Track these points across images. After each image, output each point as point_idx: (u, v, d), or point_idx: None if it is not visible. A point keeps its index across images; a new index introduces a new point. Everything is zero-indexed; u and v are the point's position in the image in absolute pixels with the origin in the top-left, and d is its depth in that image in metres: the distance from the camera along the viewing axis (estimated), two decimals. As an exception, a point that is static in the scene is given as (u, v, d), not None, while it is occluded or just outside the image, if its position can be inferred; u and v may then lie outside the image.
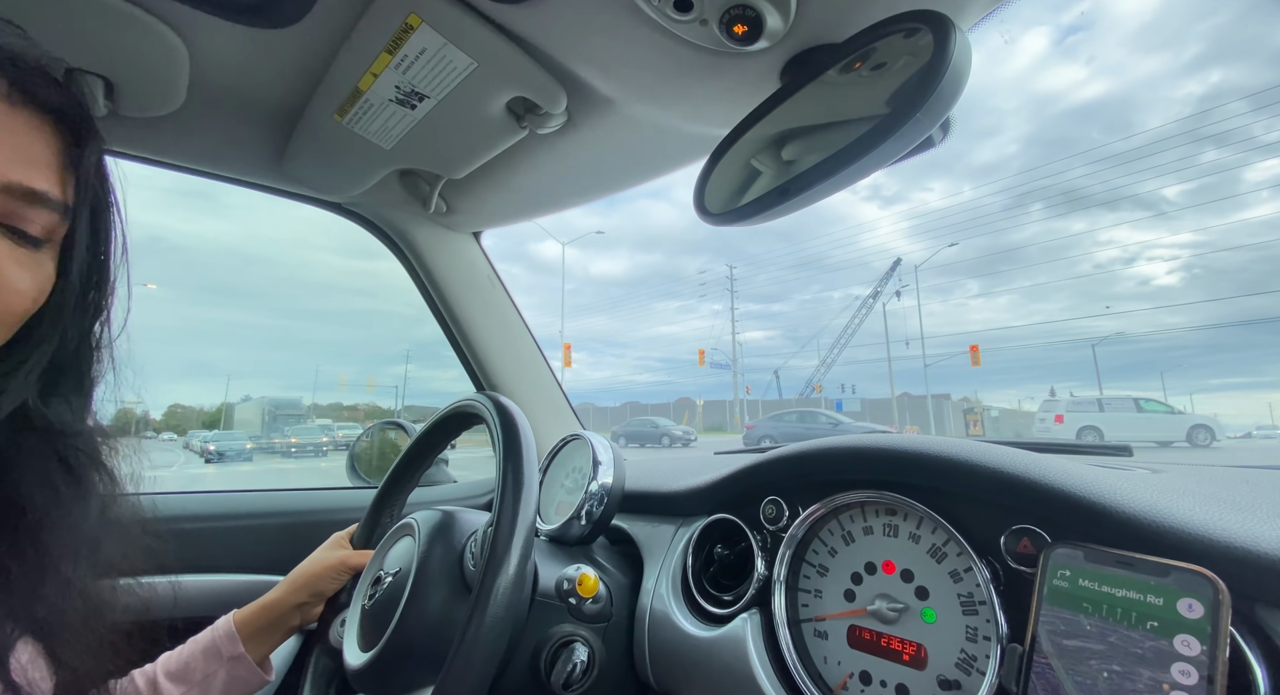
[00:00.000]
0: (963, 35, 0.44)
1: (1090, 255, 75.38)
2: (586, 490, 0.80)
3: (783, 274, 74.84)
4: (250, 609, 0.71)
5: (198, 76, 0.70)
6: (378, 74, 0.66)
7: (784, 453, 0.70)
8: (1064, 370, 68.76)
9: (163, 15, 0.61)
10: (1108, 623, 0.39)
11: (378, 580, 0.69)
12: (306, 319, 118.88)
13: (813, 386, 38.92)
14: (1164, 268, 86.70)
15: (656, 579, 0.76)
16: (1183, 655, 0.36)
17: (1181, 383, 68.89)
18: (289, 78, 0.72)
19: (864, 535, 0.61)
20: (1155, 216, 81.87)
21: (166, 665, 0.66)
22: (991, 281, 75.94)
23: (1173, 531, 0.40)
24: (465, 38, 0.60)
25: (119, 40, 0.63)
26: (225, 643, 0.67)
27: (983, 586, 0.49)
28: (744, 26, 0.53)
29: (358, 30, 0.62)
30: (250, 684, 0.67)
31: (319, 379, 62.30)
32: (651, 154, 0.82)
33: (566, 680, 0.64)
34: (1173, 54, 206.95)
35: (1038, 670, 0.41)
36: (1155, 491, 0.46)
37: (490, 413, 0.64)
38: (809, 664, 0.61)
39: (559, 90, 0.68)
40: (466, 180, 0.91)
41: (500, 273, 1.24)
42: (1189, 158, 58.27)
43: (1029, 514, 0.48)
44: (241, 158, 0.87)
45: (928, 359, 28.68)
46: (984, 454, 0.52)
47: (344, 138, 0.79)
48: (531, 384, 1.25)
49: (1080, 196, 68.90)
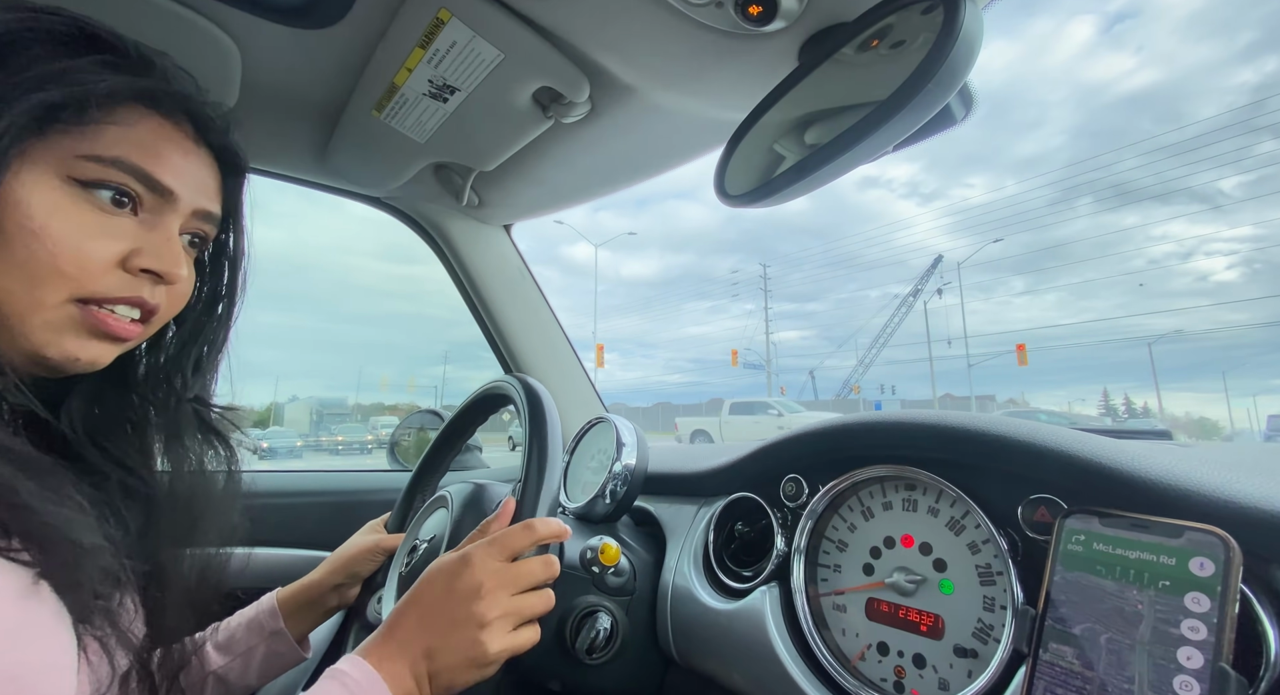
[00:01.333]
0: (973, 5, 0.44)
1: (1144, 250, 71.46)
2: (611, 470, 0.83)
3: (817, 273, 73.51)
4: (292, 588, 0.75)
5: (248, 77, 0.75)
6: (411, 69, 0.70)
7: (803, 430, 0.70)
8: (1118, 370, 65.37)
9: (216, 18, 0.66)
10: (1120, 583, 0.39)
11: (413, 549, 0.73)
12: (348, 322, 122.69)
13: (849, 387, 38.15)
14: (1223, 262, 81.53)
15: (679, 556, 0.78)
16: (1193, 612, 0.36)
17: (1244, 383, 64.47)
18: (330, 76, 0.77)
19: (883, 511, 0.61)
20: (1212, 209, 77.11)
21: (214, 636, 0.70)
22: (1037, 279, 72.83)
23: (1187, 494, 0.40)
24: (493, 29, 0.63)
25: (177, 43, 0.68)
26: (267, 618, 0.71)
27: (1001, 556, 0.49)
28: (759, 7, 0.54)
29: (393, 27, 0.66)
30: (288, 659, 0.71)
31: (362, 379, 64.67)
32: (674, 141, 0.84)
33: (590, 646, 0.67)
34: (1225, 41, 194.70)
35: (1049, 631, 0.41)
36: (1174, 459, 0.45)
37: (518, 391, 0.67)
38: (827, 635, 0.61)
39: (582, 78, 0.70)
40: (497, 173, 0.95)
41: (534, 274, 1.28)
42: (1245, 148, 54.92)
43: (1046, 483, 0.48)
44: (288, 154, 0.93)
45: (971, 359, 27.66)
46: (1002, 425, 0.53)
47: (381, 133, 0.84)
48: (559, 370, 1.28)
49: (1131, 189, 65.49)
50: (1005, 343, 47.10)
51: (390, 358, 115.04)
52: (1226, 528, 0.37)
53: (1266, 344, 64.89)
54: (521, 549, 0.52)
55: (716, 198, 0.72)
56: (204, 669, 0.66)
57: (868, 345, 36.84)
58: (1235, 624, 0.34)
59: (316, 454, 19.91)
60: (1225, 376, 54.86)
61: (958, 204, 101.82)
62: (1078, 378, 75.47)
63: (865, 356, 36.60)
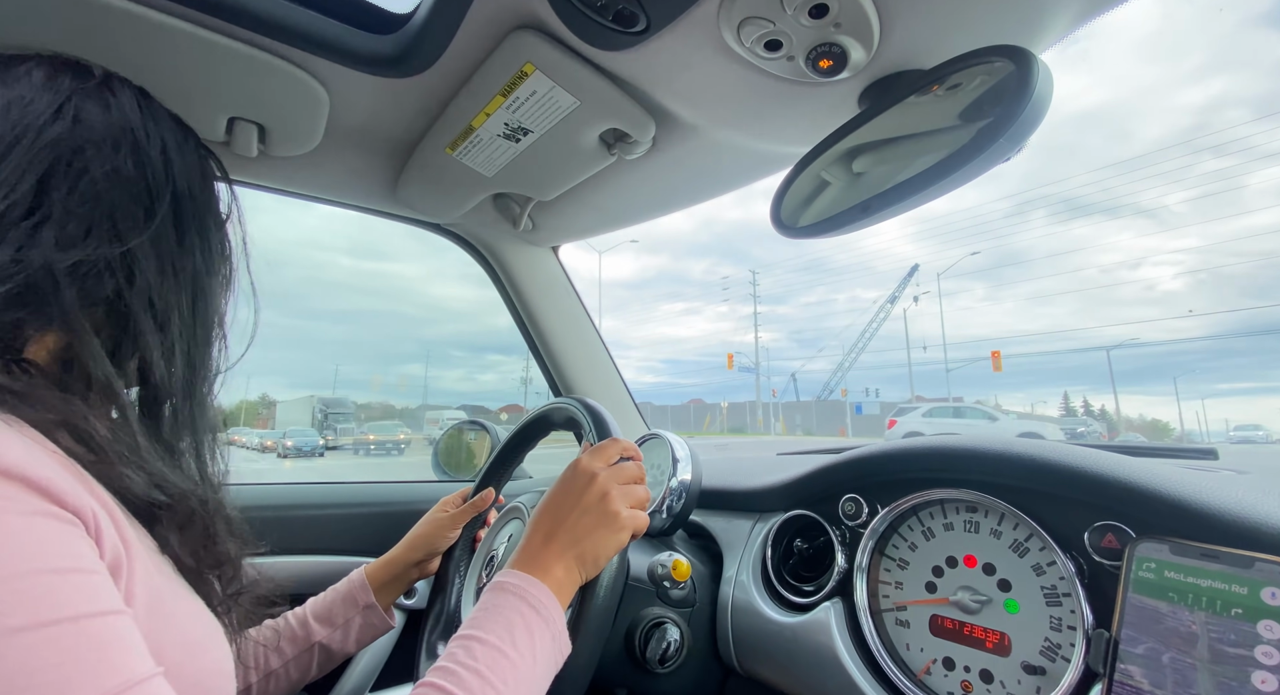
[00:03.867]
0: (1044, 66, 0.47)
1: (1095, 260, 72.66)
2: (667, 486, 0.86)
3: (787, 277, 74.13)
4: (376, 564, 0.82)
5: (334, 120, 0.81)
6: (490, 114, 0.75)
7: (865, 452, 0.74)
8: (1075, 374, 65.75)
9: (311, 69, 0.71)
10: (1193, 611, 0.42)
11: (491, 559, 0.77)
12: (318, 318, 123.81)
13: (828, 390, 38.47)
14: (1170, 272, 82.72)
15: (737, 569, 0.81)
16: (1266, 639, 0.38)
17: (1193, 387, 67.09)
18: (410, 118, 0.82)
19: (944, 531, 0.64)
20: (1157, 223, 78.02)
21: (314, 609, 0.78)
22: (997, 286, 73.63)
23: (1256, 526, 0.43)
24: (572, 81, 0.67)
25: (273, 91, 0.73)
26: (360, 592, 0.78)
27: (1068, 579, 0.52)
28: (829, 61, 0.58)
29: (476, 76, 0.71)
30: (379, 629, 0.79)
31: (338, 378, 65.67)
32: (729, 172, 0.87)
33: (662, 656, 0.71)
34: (1173, 65, 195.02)
35: (1124, 655, 0.44)
36: (1240, 490, 0.48)
37: (582, 414, 0.71)
38: (892, 650, 0.64)
39: (649, 121, 0.74)
40: (554, 201, 0.99)
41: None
42: (1190, 165, 54.55)
43: (1113, 511, 0.51)
44: (363, 188, 0.98)
45: (949, 364, 28.46)
46: (1069, 455, 0.55)
47: (451, 168, 0.89)
48: (603, 387, 1.33)
49: (1083, 204, 65.89)
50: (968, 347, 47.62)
51: (357, 354, 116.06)
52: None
53: (1212, 352, 65.15)
54: (615, 454, 0.62)
55: (773, 227, 0.75)
56: (310, 639, 0.75)
57: (848, 349, 37.17)
58: (1308, 650, 0.37)
59: (340, 454, 20.05)
60: (1176, 381, 55.24)
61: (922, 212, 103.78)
62: (1038, 381, 76.29)
63: (845, 360, 36.92)
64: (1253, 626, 0.39)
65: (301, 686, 0.75)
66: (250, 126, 0.80)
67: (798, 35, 0.56)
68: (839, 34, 0.55)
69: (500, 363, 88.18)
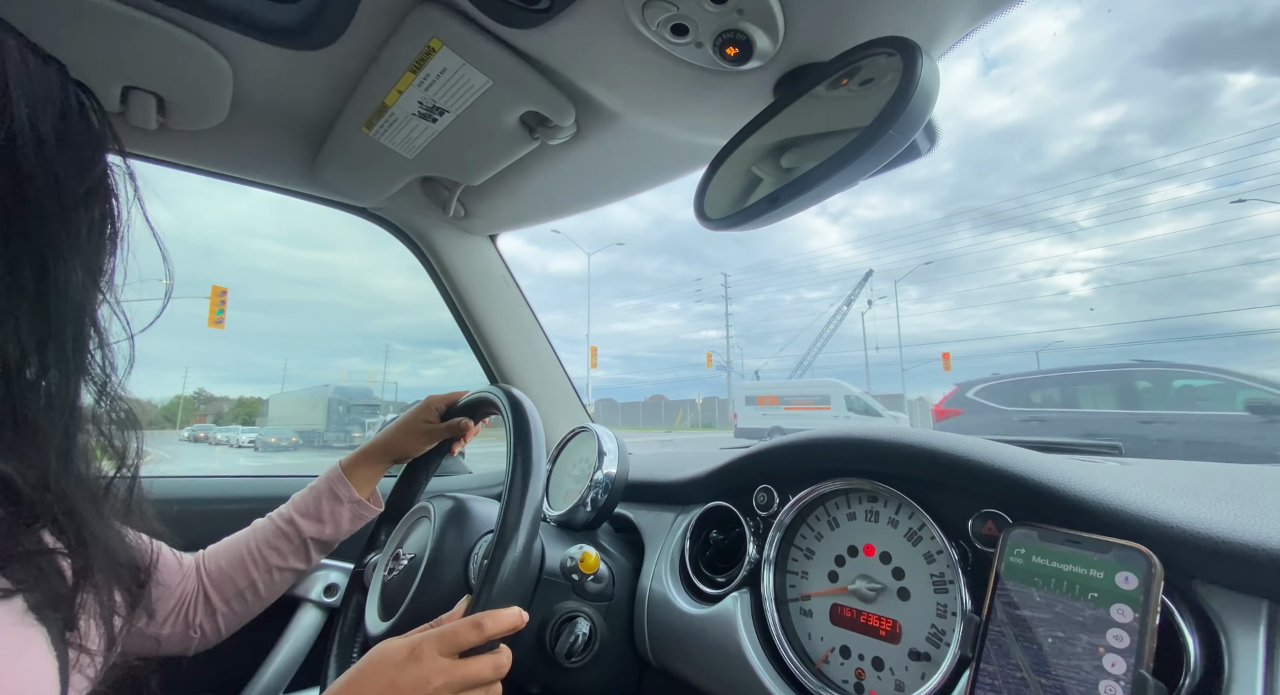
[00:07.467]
0: (929, 60, 0.48)
1: (1016, 266, 78.82)
2: (592, 479, 0.85)
3: (738, 276, 76.46)
4: (352, 458, 0.85)
5: (240, 93, 0.76)
6: (402, 91, 0.72)
7: (777, 443, 0.74)
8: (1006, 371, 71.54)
9: (210, 38, 0.68)
10: (1055, 594, 0.43)
11: (396, 558, 0.74)
12: (251, 309, 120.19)
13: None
14: (1080, 279, 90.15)
15: (656, 562, 0.81)
16: (1117, 622, 0.40)
17: None
18: (321, 94, 0.79)
19: (848, 521, 0.65)
20: (1065, 235, 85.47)
21: (298, 507, 0.81)
22: (929, 289, 78.54)
23: (1117, 512, 0.44)
24: (482, 58, 0.65)
25: (170, 60, 0.69)
26: (341, 488, 0.82)
27: (953, 566, 0.53)
28: (735, 48, 0.57)
29: (385, 52, 0.68)
30: (366, 517, 0.84)
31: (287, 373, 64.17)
32: (655, 163, 0.86)
33: (569, 651, 0.69)
34: (1084, 90, 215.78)
35: (992, 637, 0.45)
36: (1111, 479, 0.49)
37: (503, 403, 0.69)
38: (794, 639, 0.65)
39: (568, 105, 0.73)
40: (483, 186, 0.97)
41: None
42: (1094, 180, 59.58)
43: (993, 499, 0.52)
44: (278, 167, 0.94)
45: (904, 363, 30.64)
46: (954, 443, 0.56)
47: (370, 148, 0.85)
48: (543, 378, 1.31)
49: (1005, 215, 71.21)
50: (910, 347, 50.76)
51: (295, 348, 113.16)
52: (1152, 544, 0.41)
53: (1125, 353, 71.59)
54: (470, 645, 0.50)
55: (696, 219, 0.75)
56: (300, 535, 0.79)
57: (806, 349, 38.62)
58: (1156, 634, 0.38)
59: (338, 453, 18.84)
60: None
61: (862, 218, 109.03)
62: (972, 377, 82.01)
63: (805, 359, 38.43)
64: (1106, 610, 0.40)
65: (302, 576, 0.82)
66: (147, 97, 0.75)
67: (703, 21, 0.55)
68: (743, 21, 0.55)
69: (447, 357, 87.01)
